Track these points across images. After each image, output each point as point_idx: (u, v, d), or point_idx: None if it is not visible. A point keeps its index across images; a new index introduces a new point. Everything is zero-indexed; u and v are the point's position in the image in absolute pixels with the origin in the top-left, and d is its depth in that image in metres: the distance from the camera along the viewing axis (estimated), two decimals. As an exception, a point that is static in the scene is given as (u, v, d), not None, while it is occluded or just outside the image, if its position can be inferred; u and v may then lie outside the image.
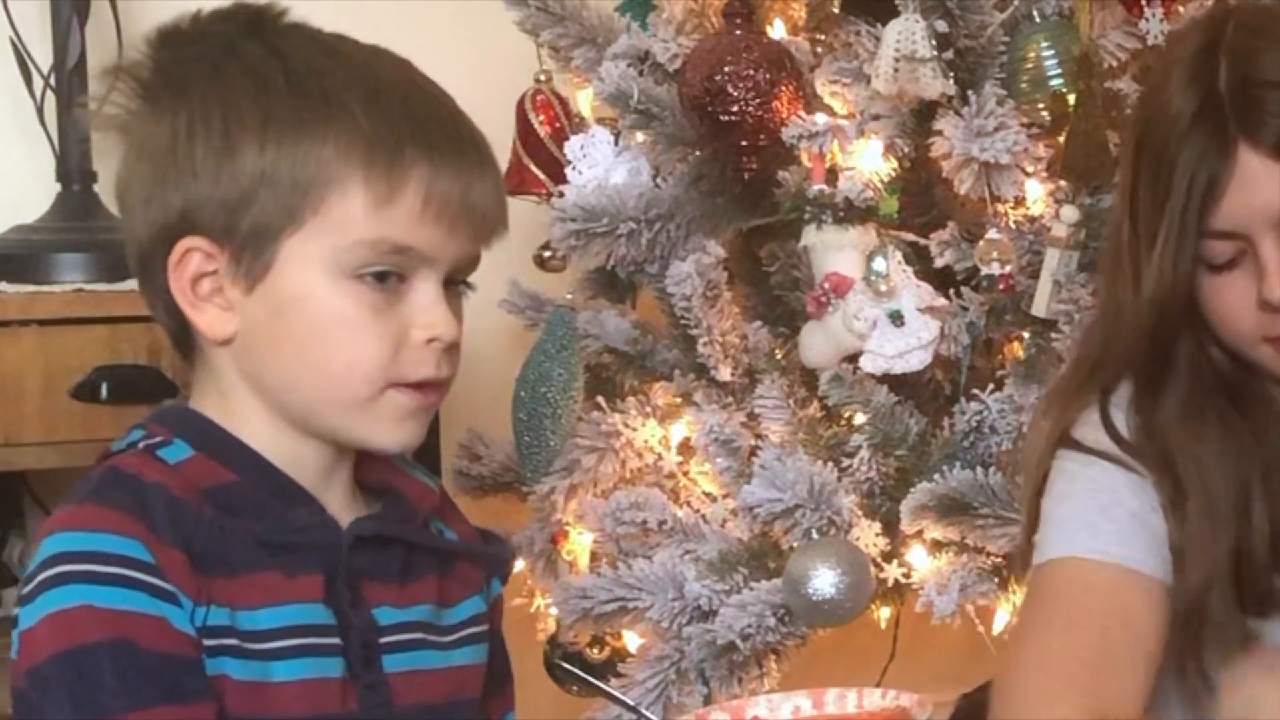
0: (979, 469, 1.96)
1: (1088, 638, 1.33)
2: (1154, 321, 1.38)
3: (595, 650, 2.24)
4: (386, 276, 1.17)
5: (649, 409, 2.20)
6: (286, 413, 1.20)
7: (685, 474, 2.21)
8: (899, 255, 2.04)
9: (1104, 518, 1.37)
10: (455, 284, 1.23)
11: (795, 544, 2.00)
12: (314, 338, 1.17)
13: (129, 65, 1.21)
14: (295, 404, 1.20)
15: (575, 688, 2.15)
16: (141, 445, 1.20)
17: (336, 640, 1.18)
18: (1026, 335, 2.05)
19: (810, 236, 2.04)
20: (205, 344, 1.21)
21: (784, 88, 2.10)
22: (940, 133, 2.00)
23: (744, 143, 2.11)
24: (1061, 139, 2.02)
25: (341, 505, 1.23)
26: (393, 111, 1.17)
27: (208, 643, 1.15)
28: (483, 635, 1.30)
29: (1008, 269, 2.00)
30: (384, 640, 1.21)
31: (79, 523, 1.14)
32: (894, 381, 2.05)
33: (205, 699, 1.14)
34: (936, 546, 2.02)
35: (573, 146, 2.25)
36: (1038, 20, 2.04)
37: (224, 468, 1.19)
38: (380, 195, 1.15)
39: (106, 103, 1.22)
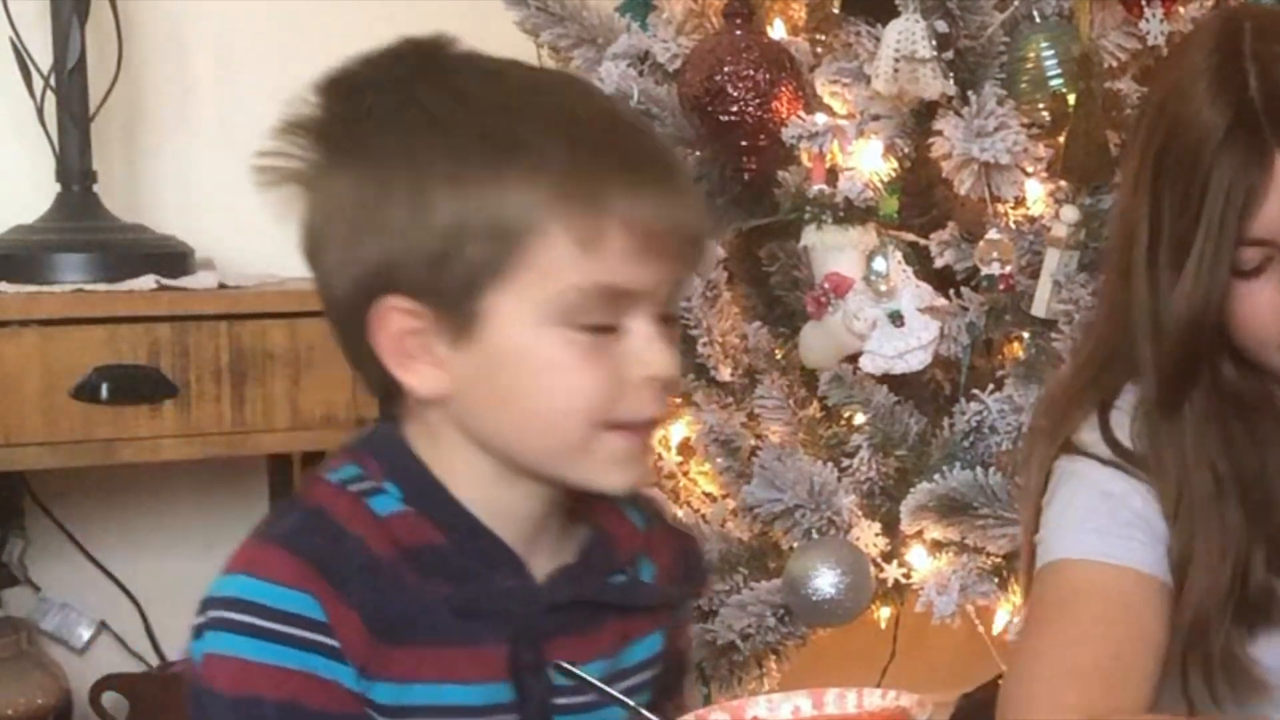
0: (979, 469, 1.96)
1: (1097, 644, 1.33)
2: (1189, 331, 1.36)
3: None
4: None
5: (649, 409, 2.20)
6: (506, 462, 1.15)
7: (685, 474, 2.21)
8: (899, 255, 2.04)
9: (1110, 520, 1.37)
10: (668, 318, 1.16)
11: (795, 544, 2.00)
12: (529, 388, 1.12)
13: (303, 120, 1.14)
14: (514, 453, 1.15)
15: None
16: (354, 488, 1.15)
17: (511, 717, 1.14)
18: (1026, 335, 2.05)
19: (810, 236, 2.04)
20: (415, 399, 1.16)
21: (784, 88, 2.10)
22: (940, 133, 2.00)
23: (744, 143, 2.11)
24: (1061, 139, 2.02)
25: (546, 553, 1.18)
26: (586, 144, 1.11)
27: (373, 713, 1.11)
28: (653, 680, 1.24)
29: (1008, 269, 2.00)
30: (559, 702, 1.17)
31: (260, 569, 1.10)
32: (894, 381, 2.05)
33: None
34: (936, 546, 2.02)
35: (573, 146, 2.24)
36: (1038, 20, 2.04)
37: (433, 526, 1.14)
38: (585, 236, 1.09)
39: (284, 157, 1.14)
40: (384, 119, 1.12)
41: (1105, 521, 1.37)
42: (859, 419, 2.06)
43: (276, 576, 1.09)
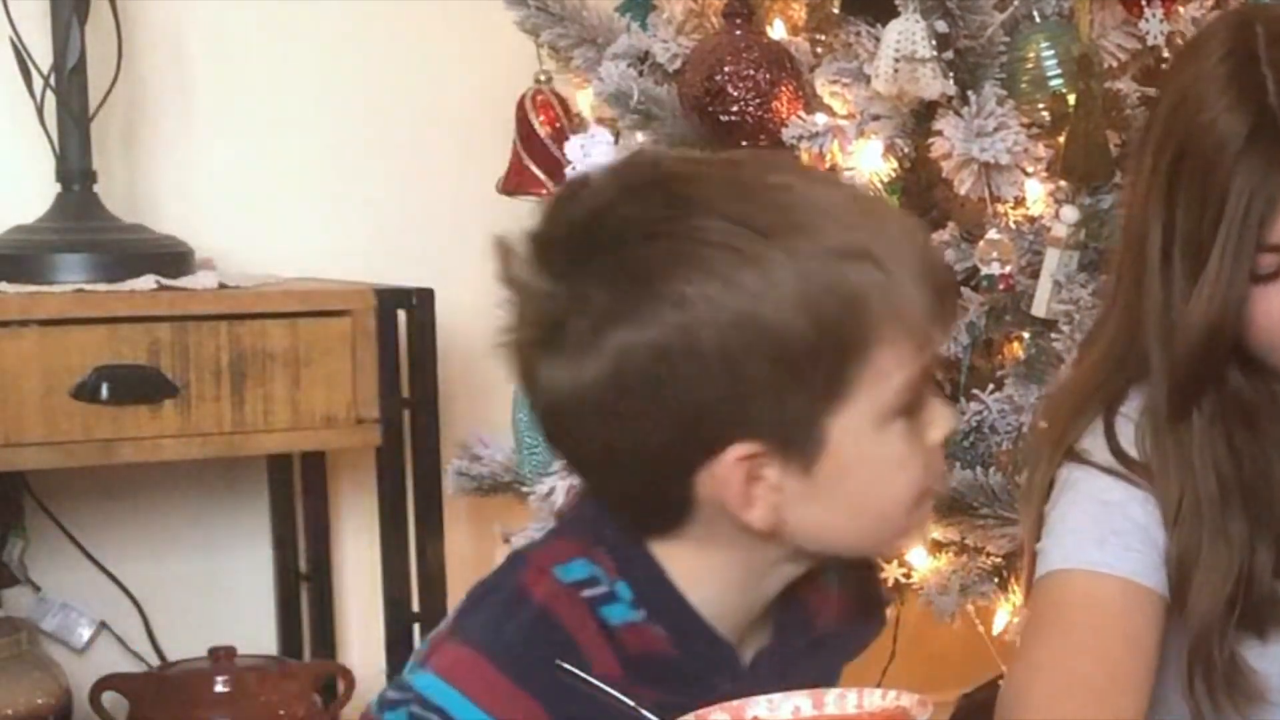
0: (979, 469, 1.96)
1: (1096, 658, 1.33)
2: (1206, 337, 1.35)
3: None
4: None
5: (649, 409, 2.20)
6: (809, 558, 1.11)
7: (685, 474, 2.20)
8: (899, 255, 2.04)
9: (1110, 531, 1.37)
10: None
11: (795, 544, 2.00)
12: (868, 492, 1.08)
13: (530, 286, 1.05)
14: (838, 548, 1.12)
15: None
16: (586, 594, 1.08)
17: None
18: (1026, 335, 2.05)
19: (810, 236, 2.04)
20: (715, 519, 1.08)
21: (784, 88, 2.10)
22: (940, 133, 2.00)
23: (744, 143, 2.11)
24: (1061, 139, 2.02)
25: (751, 642, 1.14)
26: (862, 220, 1.06)
27: None
28: None
29: (1008, 269, 1.99)
30: None
31: (462, 681, 1.05)
32: (894, 381, 2.04)
33: None
34: (936, 546, 2.01)
35: (573, 146, 2.24)
36: (1038, 20, 2.04)
37: (667, 638, 1.08)
38: (914, 332, 1.06)
39: (521, 325, 1.06)
40: (665, 260, 1.03)
41: (1103, 532, 1.37)
42: (859, 419, 2.06)
43: (488, 704, 1.04)
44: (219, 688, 2.30)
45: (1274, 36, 1.35)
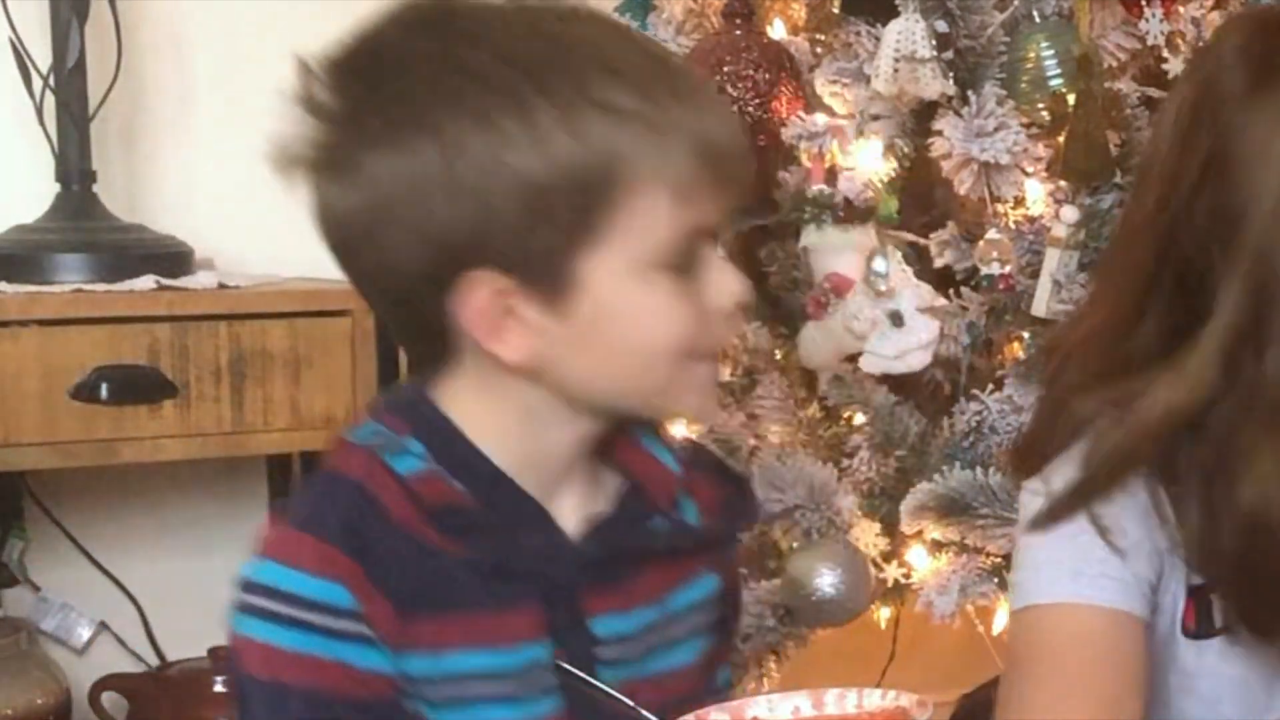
0: (979, 469, 1.96)
1: (1089, 696, 1.31)
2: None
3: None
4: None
5: (649, 409, 2.20)
6: (577, 406, 1.14)
7: (685, 474, 2.20)
8: (899, 255, 2.04)
9: (1084, 559, 1.36)
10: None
11: (795, 544, 2.00)
12: (629, 337, 1.11)
13: (325, 105, 1.11)
14: (603, 399, 1.14)
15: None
16: (375, 448, 1.13)
17: (549, 676, 1.13)
18: (1026, 335, 2.05)
19: (810, 237, 2.04)
20: (480, 357, 1.13)
21: (784, 88, 2.10)
22: (940, 133, 2.00)
23: (744, 143, 2.11)
24: (1061, 139, 2.02)
25: (575, 502, 1.17)
26: (647, 83, 1.08)
27: (405, 687, 1.11)
28: (710, 623, 1.23)
29: (1008, 269, 2.00)
30: (603, 655, 1.15)
31: (286, 555, 1.10)
32: (894, 381, 2.05)
33: None
34: (936, 547, 2.02)
35: (573, 147, 2.24)
36: (1038, 20, 2.04)
37: (457, 485, 1.12)
38: (670, 184, 1.08)
39: (308, 142, 1.12)
40: (431, 92, 1.08)
41: (1079, 562, 1.36)
42: (859, 419, 2.06)
43: (304, 564, 1.09)
44: (219, 688, 2.30)
45: None
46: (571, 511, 1.17)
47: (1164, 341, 1.34)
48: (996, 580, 1.99)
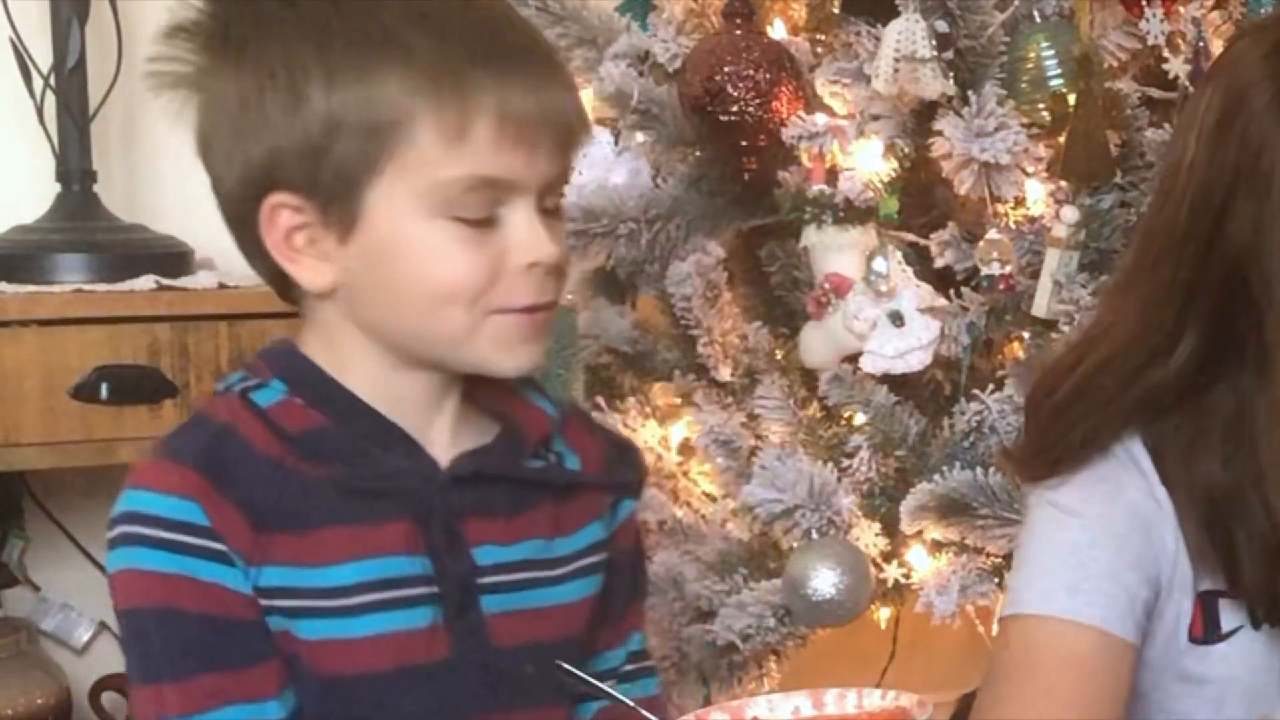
0: (979, 469, 1.96)
1: (1070, 715, 1.33)
2: None
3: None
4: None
5: (649, 409, 2.20)
6: (395, 350, 1.19)
7: (685, 474, 2.21)
8: (899, 255, 2.04)
9: (1080, 575, 1.36)
10: (550, 207, 1.20)
11: (795, 544, 2.00)
12: (411, 277, 1.16)
13: (189, 22, 1.20)
14: (403, 342, 1.19)
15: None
16: (238, 388, 1.20)
17: (425, 590, 1.17)
18: (1026, 335, 2.05)
19: (810, 237, 2.04)
20: (307, 293, 1.21)
21: (784, 88, 2.10)
22: (940, 133, 2.00)
23: (744, 143, 2.11)
24: (1061, 139, 2.02)
25: (448, 441, 1.22)
26: (451, 37, 1.15)
27: (264, 603, 1.15)
28: (597, 566, 1.27)
29: (1008, 269, 1.99)
30: (485, 581, 1.20)
31: (145, 480, 1.15)
32: (894, 382, 2.05)
33: (258, 663, 1.15)
34: (936, 547, 2.02)
35: (572, 147, 2.24)
36: (1038, 20, 2.04)
37: (317, 411, 1.18)
38: (452, 129, 1.13)
39: (172, 61, 1.21)
40: (263, 20, 1.16)
41: (1075, 577, 1.36)
42: (859, 419, 2.06)
43: (161, 486, 1.14)
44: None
45: None
46: (444, 448, 1.21)
47: (1201, 366, 1.35)
48: (996, 580, 1.99)
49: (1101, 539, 1.37)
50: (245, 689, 1.14)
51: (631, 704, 1.14)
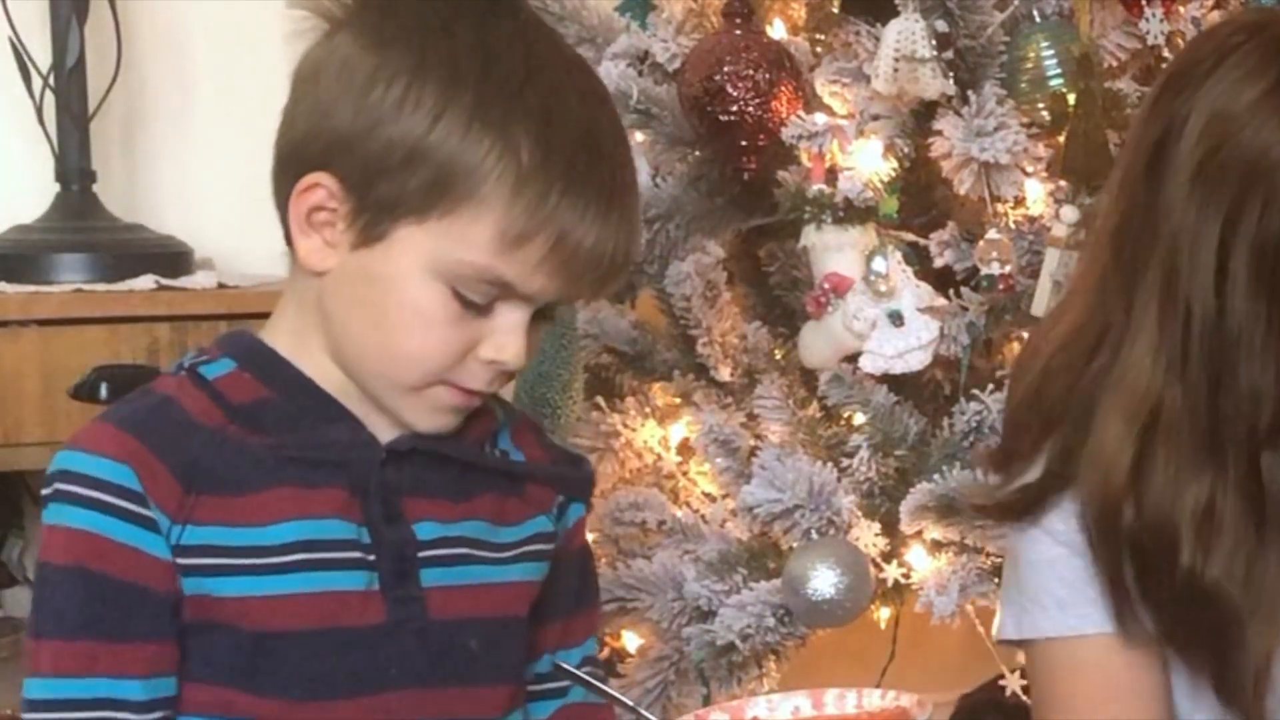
0: (979, 469, 1.96)
1: None
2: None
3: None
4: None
5: (648, 409, 2.20)
6: (340, 361, 1.21)
7: (685, 474, 2.21)
8: (899, 255, 2.04)
9: (1068, 587, 1.35)
10: (543, 315, 1.21)
11: (795, 544, 2.00)
12: (391, 319, 1.17)
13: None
14: (350, 362, 1.20)
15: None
16: (188, 364, 1.22)
17: (360, 554, 1.18)
18: (1026, 335, 2.05)
19: (810, 236, 2.04)
20: (298, 266, 1.22)
21: (784, 88, 2.10)
22: (940, 133, 2.00)
23: (744, 143, 2.11)
24: (1061, 139, 2.02)
25: (390, 427, 1.22)
26: (556, 154, 1.15)
27: (182, 561, 1.15)
28: (543, 554, 1.28)
29: (1008, 269, 1.99)
30: (425, 554, 1.21)
31: (82, 442, 1.18)
32: (894, 381, 2.05)
33: (141, 640, 1.15)
34: (936, 547, 2.01)
35: (572, 147, 2.24)
36: (1038, 20, 2.04)
37: (263, 384, 1.20)
38: (511, 235, 1.15)
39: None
40: (416, 25, 1.17)
41: (1063, 592, 1.36)
42: (859, 419, 2.06)
43: (98, 447, 1.17)
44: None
45: None
46: (387, 430, 1.22)
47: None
48: (996, 580, 1.99)
49: (1076, 552, 1.36)
50: (115, 664, 1.15)
51: (632, 705, 1.14)
